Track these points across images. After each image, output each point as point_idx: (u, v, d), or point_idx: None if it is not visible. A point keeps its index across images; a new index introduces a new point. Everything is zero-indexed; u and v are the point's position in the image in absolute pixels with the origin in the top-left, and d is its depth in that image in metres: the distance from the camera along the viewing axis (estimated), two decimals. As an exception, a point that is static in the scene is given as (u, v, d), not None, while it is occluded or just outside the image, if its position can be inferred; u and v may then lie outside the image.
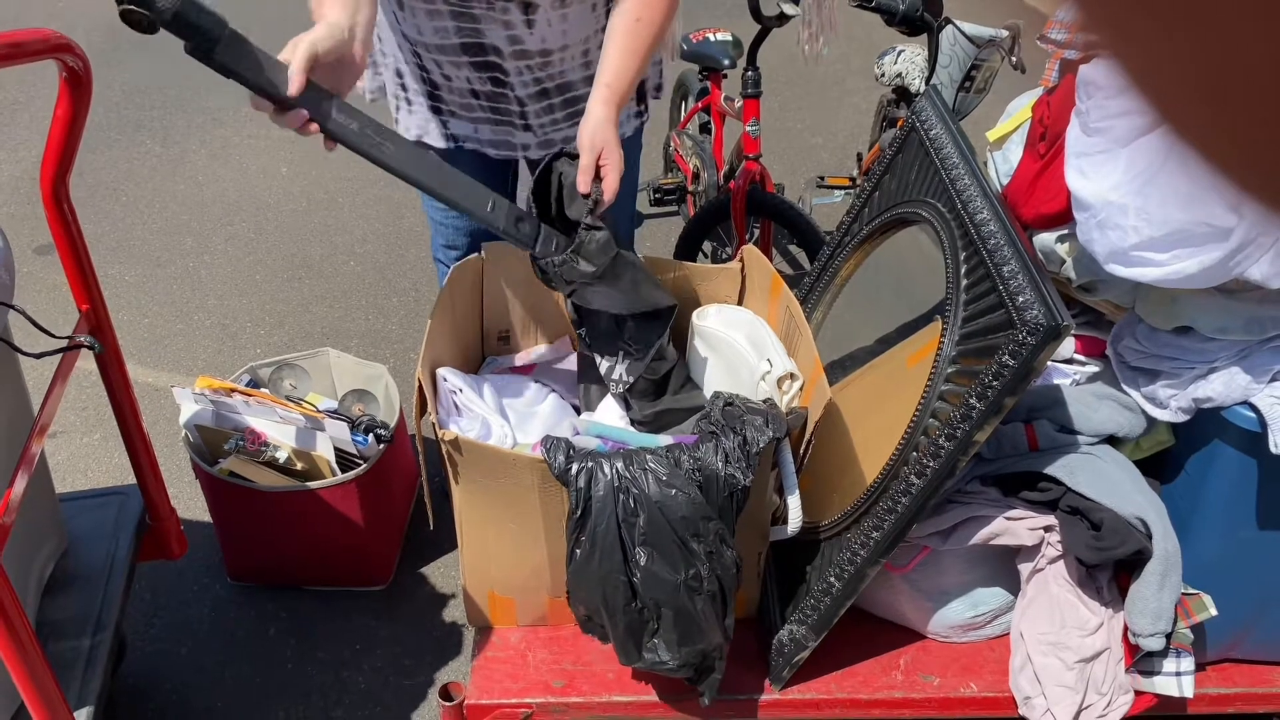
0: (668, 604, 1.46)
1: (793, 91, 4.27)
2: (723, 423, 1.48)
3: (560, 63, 1.74)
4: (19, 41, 1.34)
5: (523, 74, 1.73)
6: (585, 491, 1.43)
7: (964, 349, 1.44)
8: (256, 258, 3.41)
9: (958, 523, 1.62)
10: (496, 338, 1.95)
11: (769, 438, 1.44)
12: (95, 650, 1.70)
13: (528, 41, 1.68)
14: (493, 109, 1.80)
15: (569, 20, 1.68)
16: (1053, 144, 1.62)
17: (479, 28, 1.66)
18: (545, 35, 1.68)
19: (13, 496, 1.42)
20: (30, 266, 3.25)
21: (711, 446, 1.44)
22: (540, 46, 1.70)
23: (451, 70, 1.75)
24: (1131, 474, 1.59)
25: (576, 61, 1.76)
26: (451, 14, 1.65)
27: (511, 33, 1.67)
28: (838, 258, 1.94)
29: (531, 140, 1.84)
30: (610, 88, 1.55)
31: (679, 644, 1.50)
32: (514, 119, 1.81)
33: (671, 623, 1.48)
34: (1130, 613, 1.53)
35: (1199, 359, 1.49)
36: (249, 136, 4.06)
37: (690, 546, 1.43)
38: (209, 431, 2.08)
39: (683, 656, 1.51)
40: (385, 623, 2.17)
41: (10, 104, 4.20)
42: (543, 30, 1.67)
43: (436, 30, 1.68)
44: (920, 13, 2.42)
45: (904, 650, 1.74)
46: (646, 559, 1.43)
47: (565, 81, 1.78)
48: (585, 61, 1.77)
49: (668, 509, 1.41)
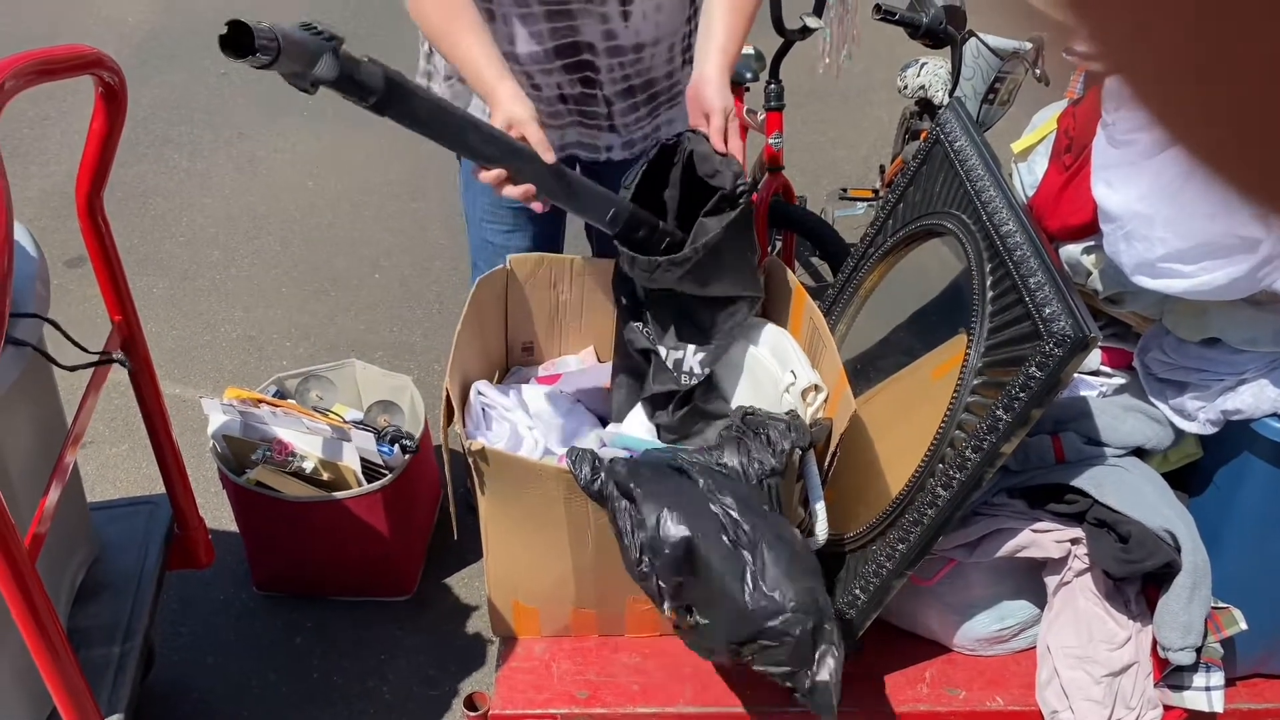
0: (762, 535, 1.37)
1: (816, 104, 4.28)
2: (744, 429, 1.49)
3: (650, 58, 1.78)
4: (56, 58, 1.37)
5: (613, 71, 1.75)
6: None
7: (990, 360, 1.44)
8: (283, 270, 3.44)
9: (984, 535, 1.61)
10: (521, 349, 1.96)
11: (792, 441, 1.44)
12: (125, 658, 1.72)
13: (622, 36, 1.72)
14: (580, 112, 1.82)
15: (662, 11, 1.72)
16: (1078, 155, 1.62)
17: (575, 24, 1.68)
18: (640, 28, 1.71)
19: (47, 506, 1.44)
20: (62, 279, 3.29)
21: (735, 446, 1.45)
22: (634, 40, 1.72)
23: (542, 79, 1.77)
24: (1159, 486, 1.58)
25: (662, 58, 1.80)
26: (546, 15, 1.67)
27: (607, 27, 1.70)
28: (861, 269, 1.94)
29: (616, 141, 1.87)
30: (724, 51, 1.61)
31: (787, 577, 1.36)
32: (600, 120, 1.83)
33: (768, 558, 1.36)
34: (1159, 626, 1.52)
35: (1227, 371, 1.48)
36: (275, 151, 4.11)
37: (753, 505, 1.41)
38: (236, 442, 2.11)
39: (797, 594, 1.35)
40: (410, 632, 2.18)
41: (41, 118, 4.27)
42: (637, 23, 1.71)
43: (531, 36, 1.70)
44: (943, 26, 2.43)
45: (930, 663, 1.73)
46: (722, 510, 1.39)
47: (651, 79, 1.81)
48: (669, 57, 1.81)
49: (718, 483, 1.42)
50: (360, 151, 4.08)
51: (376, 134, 4.16)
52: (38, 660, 1.36)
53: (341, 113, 4.31)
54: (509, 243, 1.97)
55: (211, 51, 4.61)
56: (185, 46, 4.82)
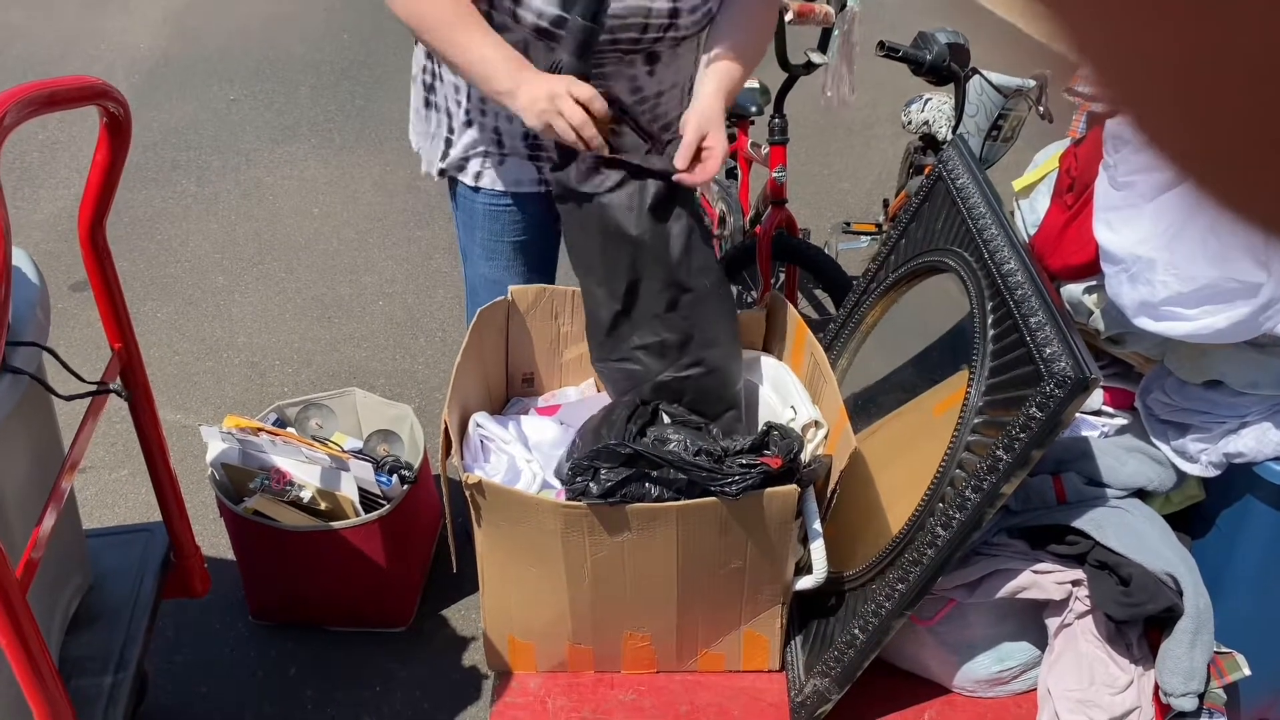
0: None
1: (820, 138, 4.30)
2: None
3: (667, 101, 1.78)
4: (61, 89, 1.37)
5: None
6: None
7: (991, 400, 1.43)
8: (286, 297, 3.45)
9: (984, 575, 1.60)
10: (521, 380, 1.96)
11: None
12: (117, 688, 1.70)
13: (647, 88, 1.73)
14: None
15: (679, 58, 1.73)
16: (1080, 195, 1.62)
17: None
18: (662, 77, 1.73)
19: (41, 532, 1.43)
20: (65, 303, 3.30)
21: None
22: (657, 89, 1.74)
23: None
24: (1161, 528, 1.56)
25: (677, 99, 1.81)
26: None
27: (635, 83, 1.71)
28: (864, 304, 1.94)
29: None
30: (723, 76, 1.62)
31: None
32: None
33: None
34: (1161, 671, 1.50)
35: (1230, 413, 1.48)
36: (282, 178, 4.13)
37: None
38: (235, 470, 2.10)
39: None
40: (405, 665, 2.16)
41: (50, 143, 4.30)
42: (661, 73, 1.72)
43: None
44: (947, 63, 2.44)
45: (929, 704, 1.71)
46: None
47: (667, 122, 1.81)
48: (682, 98, 1.82)
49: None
50: (366, 179, 4.10)
51: (383, 162, 4.19)
52: (26, 692, 1.35)
53: (348, 140, 4.35)
54: (504, 278, 1.97)
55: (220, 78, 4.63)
56: (195, 73, 4.86)
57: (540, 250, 1.93)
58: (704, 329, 1.65)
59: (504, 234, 1.87)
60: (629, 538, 1.51)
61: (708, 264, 1.65)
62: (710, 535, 1.51)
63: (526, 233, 1.88)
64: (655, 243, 1.59)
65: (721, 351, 1.67)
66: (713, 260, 1.68)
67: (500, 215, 1.84)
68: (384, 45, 5.05)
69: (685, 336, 1.64)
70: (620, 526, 1.50)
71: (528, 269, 1.95)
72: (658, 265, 1.60)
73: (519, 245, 1.89)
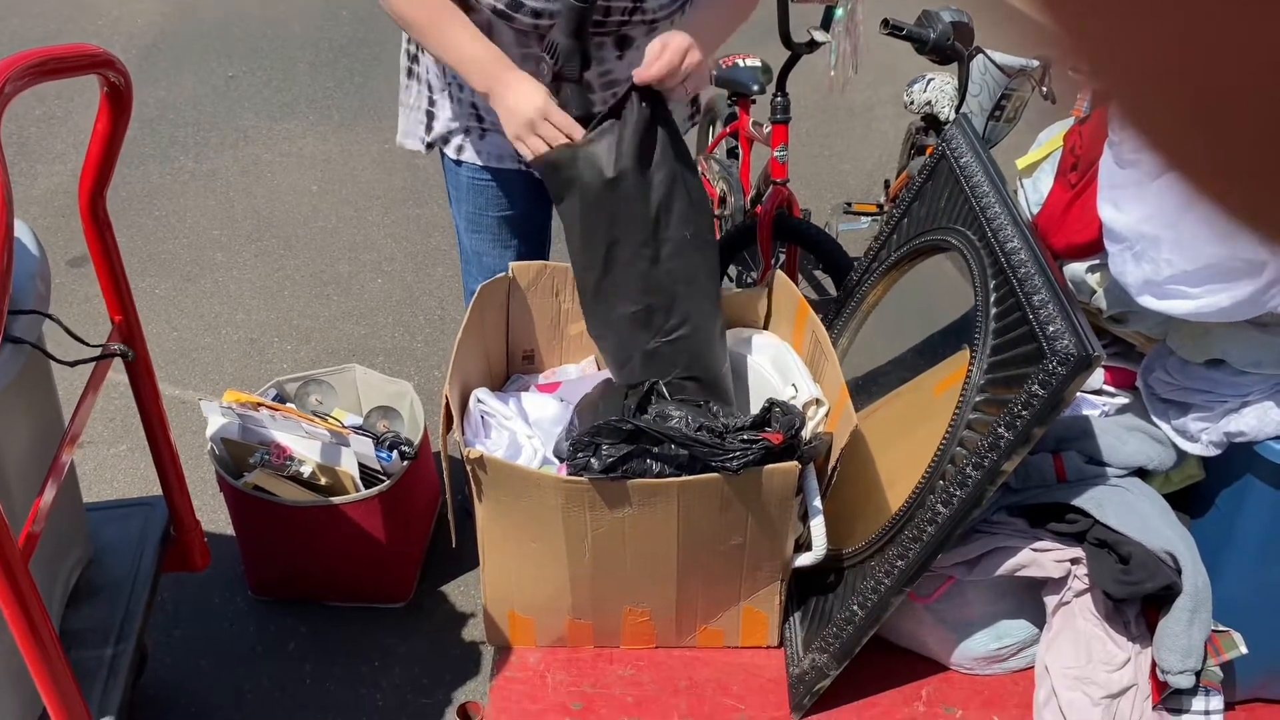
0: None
1: (821, 117, 4.28)
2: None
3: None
4: (63, 56, 1.36)
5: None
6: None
7: (993, 378, 1.43)
8: (285, 273, 3.44)
9: (983, 553, 1.60)
10: (521, 356, 1.96)
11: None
12: (117, 660, 1.71)
13: (617, 71, 1.73)
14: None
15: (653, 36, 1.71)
16: (1084, 174, 1.61)
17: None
18: (633, 61, 1.71)
19: (42, 505, 1.43)
20: (63, 278, 3.29)
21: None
22: (626, 74, 1.72)
23: None
24: (1161, 508, 1.57)
25: None
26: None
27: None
28: (865, 283, 1.93)
29: None
30: (686, 24, 1.62)
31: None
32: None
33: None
34: (1159, 649, 1.51)
35: (1231, 392, 1.48)
36: (281, 155, 4.11)
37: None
38: (234, 445, 2.10)
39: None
40: (404, 640, 2.17)
41: (48, 117, 4.28)
42: (631, 58, 1.71)
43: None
44: (951, 42, 2.43)
45: (926, 681, 1.72)
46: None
47: None
48: None
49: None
50: (365, 156, 4.09)
51: (381, 139, 4.17)
52: (29, 661, 1.35)
53: (346, 118, 4.33)
54: (489, 250, 1.98)
55: (219, 54, 4.62)
56: (193, 49, 4.83)
57: (526, 225, 1.94)
58: (684, 280, 1.64)
59: (487, 208, 1.88)
60: (629, 513, 1.51)
61: (688, 215, 1.63)
62: (711, 511, 1.52)
63: (512, 207, 1.89)
64: (634, 189, 1.57)
65: (699, 305, 1.67)
66: (695, 214, 1.65)
67: (484, 189, 1.86)
68: (382, 23, 5.00)
69: (668, 298, 1.64)
70: (621, 502, 1.50)
71: (515, 242, 1.95)
72: (636, 218, 1.59)
73: (503, 220, 1.90)
